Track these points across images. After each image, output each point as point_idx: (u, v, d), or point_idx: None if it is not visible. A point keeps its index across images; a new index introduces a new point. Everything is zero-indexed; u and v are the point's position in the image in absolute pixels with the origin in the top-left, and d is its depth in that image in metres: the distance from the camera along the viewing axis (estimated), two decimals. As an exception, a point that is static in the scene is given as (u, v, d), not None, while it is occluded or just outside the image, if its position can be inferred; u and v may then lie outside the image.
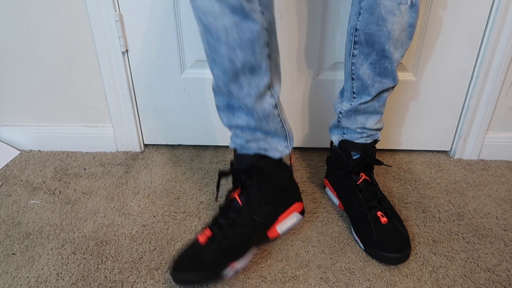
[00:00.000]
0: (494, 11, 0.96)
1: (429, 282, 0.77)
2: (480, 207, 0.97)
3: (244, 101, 0.69)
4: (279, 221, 0.78)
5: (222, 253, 0.72)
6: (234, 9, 0.59)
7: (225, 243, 0.73)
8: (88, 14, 1.00)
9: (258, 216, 0.75)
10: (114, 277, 0.78)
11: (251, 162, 0.75)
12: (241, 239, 0.74)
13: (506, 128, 1.13)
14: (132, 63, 1.08)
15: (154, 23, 1.02)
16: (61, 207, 0.97)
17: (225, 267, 0.72)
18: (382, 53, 0.78)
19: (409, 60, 1.05)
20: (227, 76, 0.66)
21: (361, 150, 0.89)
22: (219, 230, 0.74)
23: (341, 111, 0.89)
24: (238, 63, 0.64)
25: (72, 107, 1.16)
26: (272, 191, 0.77)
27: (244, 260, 0.75)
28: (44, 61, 1.08)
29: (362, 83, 0.83)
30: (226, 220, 0.75)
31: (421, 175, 1.08)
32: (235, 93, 0.68)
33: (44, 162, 1.15)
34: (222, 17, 0.60)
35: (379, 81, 0.82)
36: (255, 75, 0.67)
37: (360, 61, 0.81)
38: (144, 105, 1.15)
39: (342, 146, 0.91)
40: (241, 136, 0.75)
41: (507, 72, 1.03)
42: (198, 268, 0.71)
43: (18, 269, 0.80)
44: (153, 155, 1.18)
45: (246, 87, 0.67)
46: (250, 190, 0.76)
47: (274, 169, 0.77)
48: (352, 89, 0.85)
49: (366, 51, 0.79)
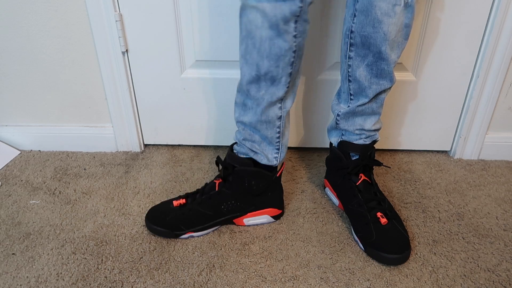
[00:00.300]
0: (494, 11, 0.96)
1: (429, 282, 0.77)
2: (480, 207, 0.97)
3: (257, 102, 0.78)
4: (248, 216, 0.89)
5: (182, 221, 0.86)
6: (271, 26, 0.70)
7: (188, 214, 0.86)
8: (88, 14, 1.00)
9: (225, 207, 0.87)
10: (114, 277, 0.78)
11: (235, 162, 0.85)
12: (202, 217, 0.86)
13: (506, 128, 1.13)
14: (132, 63, 1.08)
15: (154, 23, 1.02)
16: (61, 207, 0.97)
17: (182, 232, 0.86)
18: (378, 54, 0.78)
19: (409, 60, 1.05)
20: (251, 77, 0.76)
21: (360, 151, 0.89)
22: (190, 202, 0.88)
23: (339, 113, 0.89)
24: (262, 69, 0.74)
25: (72, 107, 1.16)
26: (243, 193, 0.87)
27: (202, 232, 0.88)
28: (44, 61, 1.08)
29: (359, 85, 0.82)
30: (200, 197, 0.88)
31: (421, 175, 1.08)
32: (252, 93, 0.78)
33: (44, 162, 1.15)
34: (261, 29, 0.70)
35: (376, 82, 0.81)
36: (273, 85, 0.76)
37: (357, 63, 0.81)
38: (144, 105, 1.15)
39: (341, 147, 0.91)
40: (242, 132, 0.84)
41: (507, 72, 1.03)
42: (161, 224, 0.86)
43: (18, 269, 0.80)
44: (153, 155, 1.18)
45: (263, 91, 0.77)
46: (226, 184, 0.87)
47: (249, 177, 0.85)
48: (349, 90, 0.85)
49: (362, 53, 0.79)
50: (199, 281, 0.77)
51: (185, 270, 0.79)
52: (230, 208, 0.87)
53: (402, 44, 0.79)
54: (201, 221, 0.86)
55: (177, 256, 0.83)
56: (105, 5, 0.98)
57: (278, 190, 0.90)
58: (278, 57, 0.73)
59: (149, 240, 0.86)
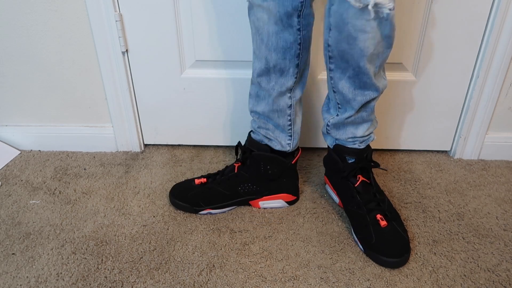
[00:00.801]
0: (494, 11, 0.96)
1: (429, 282, 0.77)
2: (480, 207, 0.97)
3: (269, 92, 0.84)
4: (263, 199, 0.95)
5: (202, 198, 0.92)
6: (276, 21, 0.75)
7: (208, 192, 0.93)
8: (88, 14, 1.00)
9: (242, 189, 0.93)
10: (114, 277, 0.78)
11: (253, 147, 0.91)
12: (221, 196, 0.93)
13: (506, 128, 1.13)
14: (132, 63, 1.08)
15: (154, 23, 1.02)
16: (61, 207, 0.97)
17: (202, 209, 0.93)
18: (358, 69, 0.75)
19: (409, 60, 1.05)
20: (261, 70, 0.82)
21: (355, 155, 0.87)
22: (211, 182, 0.94)
23: (328, 123, 0.88)
24: (271, 62, 0.80)
25: (72, 107, 1.16)
26: (259, 177, 0.92)
27: (219, 210, 0.94)
28: (44, 61, 1.08)
29: (343, 96, 0.80)
30: (220, 177, 0.94)
31: (421, 175, 1.08)
32: (263, 85, 0.83)
33: (44, 162, 1.15)
34: (268, 25, 0.76)
35: (361, 93, 0.79)
36: (282, 76, 0.81)
37: (338, 75, 0.78)
38: (144, 105, 1.15)
39: (336, 151, 0.90)
40: (257, 121, 0.90)
41: (507, 72, 1.03)
42: (183, 200, 0.93)
43: (18, 269, 0.80)
44: (153, 155, 1.18)
45: (273, 82, 0.82)
46: (244, 167, 0.93)
47: (265, 162, 0.91)
48: (336, 100, 0.83)
49: (342, 66, 0.76)
50: (199, 281, 0.77)
51: (185, 270, 0.79)
52: (246, 190, 0.93)
53: (384, 54, 0.75)
54: (219, 200, 0.93)
55: (177, 256, 0.83)
56: (105, 5, 0.98)
57: (293, 177, 0.95)
58: (284, 50, 0.78)
59: (149, 240, 0.86)
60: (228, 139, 1.19)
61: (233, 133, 1.18)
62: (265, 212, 0.94)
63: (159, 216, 0.94)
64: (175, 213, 0.94)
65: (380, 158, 1.15)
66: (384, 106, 1.11)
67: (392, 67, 1.06)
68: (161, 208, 0.96)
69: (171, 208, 0.96)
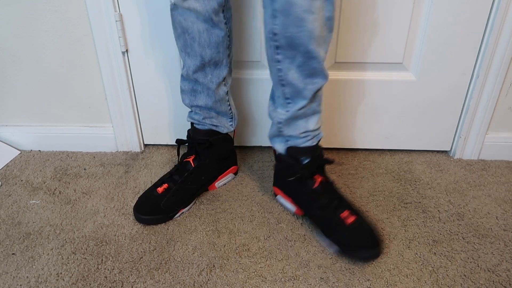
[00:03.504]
0: (494, 11, 0.96)
1: (429, 282, 0.77)
2: (480, 207, 0.97)
3: (208, 86, 0.90)
4: (218, 179, 1.02)
5: (175, 201, 0.93)
6: (205, 19, 0.80)
7: (178, 195, 0.93)
8: (88, 14, 1.00)
9: (205, 177, 0.98)
10: (114, 277, 0.78)
11: (206, 136, 0.95)
12: (189, 193, 0.95)
13: (506, 128, 1.13)
14: (132, 63, 1.08)
15: (154, 23, 1.02)
16: (61, 207, 0.97)
17: (176, 212, 0.93)
18: (307, 54, 0.74)
19: (409, 60, 1.05)
20: (196, 66, 0.86)
21: (310, 154, 0.86)
22: (174, 184, 0.94)
23: (280, 121, 0.86)
24: (206, 58, 0.85)
25: (72, 107, 1.16)
26: (217, 159, 0.99)
27: (189, 206, 0.96)
28: (44, 61, 1.08)
29: (294, 88, 0.80)
30: (180, 177, 0.94)
31: (421, 175, 1.08)
32: (200, 80, 0.89)
33: (44, 162, 1.15)
34: (197, 23, 0.81)
35: (311, 82, 0.79)
36: (217, 68, 0.88)
37: (286, 65, 0.77)
38: (144, 105, 1.15)
39: (290, 153, 0.88)
40: (199, 113, 0.94)
41: (507, 72, 1.03)
42: (156, 212, 0.91)
43: (18, 269, 0.80)
44: (153, 155, 1.18)
45: (210, 76, 0.89)
46: (202, 157, 0.96)
47: (222, 143, 0.98)
48: (285, 95, 0.82)
49: (290, 54, 0.75)
50: (199, 281, 0.77)
51: (185, 270, 0.79)
52: (209, 176, 0.99)
53: (327, 38, 0.75)
54: (189, 197, 0.95)
55: (177, 256, 0.83)
56: (105, 5, 0.98)
57: (233, 150, 1.05)
58: (217, 44, 0.84)
59: (149, 240, 0.86)
60: (228, 139, 1.19)
61: (233, 133, 1.18)
62: (264, 212, 0.94)
63: (159, 216, 0.93)
64: (175, 213, 0.94)
65: (380, 158, 1.15)
66: (384, 106, 1.11)
67: (392, 67, 1.06)
68: (161, 208, 0.96)
69: (171, 208, 0.96)
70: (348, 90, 1.09)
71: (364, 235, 0.81)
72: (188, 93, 0.93)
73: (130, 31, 1.03)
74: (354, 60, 1.06)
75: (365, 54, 1.04)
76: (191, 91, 0.92)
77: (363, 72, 1.07)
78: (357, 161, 1.14)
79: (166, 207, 0.91)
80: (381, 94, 1.09)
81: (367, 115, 1.13)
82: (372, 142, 1.18)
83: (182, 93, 0.94)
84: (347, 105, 1.11)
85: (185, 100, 0.94)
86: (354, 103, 1.11)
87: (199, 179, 0.96)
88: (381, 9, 0.98)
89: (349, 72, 1.07)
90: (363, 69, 1.07)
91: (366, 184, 1.04)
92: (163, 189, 0.93)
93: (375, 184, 1.04)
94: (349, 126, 1.15)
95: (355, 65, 1.07)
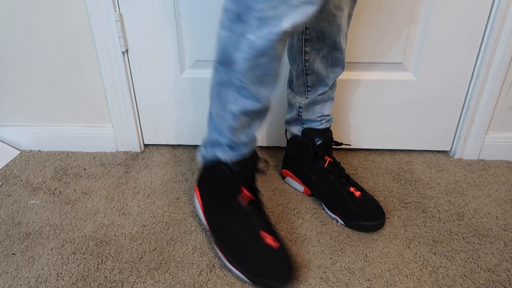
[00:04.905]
0: (494, 11, 0.96)
1: (429, 282, 0.77)
2: (480, 207, 0.97)
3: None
4: None
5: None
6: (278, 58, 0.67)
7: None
8: (88, 14, 1.00)
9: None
10: (114, 277, 0.78)
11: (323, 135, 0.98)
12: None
13: (506, 128, 1.13)
14: (132, 63, 1.08)
15: (154, 23, 1.02)
16: (61, 207, 0.97)
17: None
18: (333, 45, 0.85)
19: (409, 60, 1.05)
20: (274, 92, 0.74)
21: (323, 135, 0.96)
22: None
23: (300, 105, 0.95)
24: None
25: (72, 107, 1.16)
26: None
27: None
28: (44, 61, 1.08)
29: (318, 76, 0.90)
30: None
31: (421, 175, 1.08)
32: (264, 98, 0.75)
33: (44, 162, 1.15)
34: (273, 61, 0.67)
35: (332, 71, 0.89)
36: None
37: (313, 56, 0.87)
38: (144, 105, 1.15)
39: (306, 135, 0.97)
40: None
41: (507, 72, 1.03)
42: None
43: (18, 269, 0.80)
44: (153, 155, 1.18)
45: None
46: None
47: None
48: (307, 83, 0.91)
49: (317, 46, 0.85)
50: (199, 281, 0.77)
51: (185, 270, 0.79)
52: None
53: (347, 33, 0.87)
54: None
55: (177, 256, 0.83)
56: (105, 5, 0.98)
57: None
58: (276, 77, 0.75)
59: (149, 240, 0.86)
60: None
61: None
62: (265, 212, 0.94)
63: (159, 216, 0.94)
64: (175, 213, 0.94)
65: (380, 158, 1.15)
66: (384, 106, 1.11)
67: (392, 67, 1.06)
68: (161, 208, 0.96)
69: (171, 208, 0.96)
70: (348, 90, 1.09)
71: (370, 207, 0.89)
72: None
73: (130, 31, 1.03)
74: (354, 60, 1.06)
75: (365, 54, 1.04)
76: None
77: (363, 72, 1.07)
78: (357, 161, 1.14)
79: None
80: (381, 94, 1.09)
81: (367, 115, 1.13)
82: (372, 142, 1.18)
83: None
84: (347, 105, 1.11)
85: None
86: (354, 103, 1.11)
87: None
88: (381, 9, 0.98)
89: (349, 72, 1.07)
90: (363, 69, 1.07)
91: (366, 184, 1.04)
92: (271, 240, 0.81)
93: (375, 184, 1.04)
94: (349, 126, 1.15)
95: (355, 65, 1.07)
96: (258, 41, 0.61)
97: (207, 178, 0.85)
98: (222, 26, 0.65)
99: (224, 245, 0.79)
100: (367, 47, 1.03)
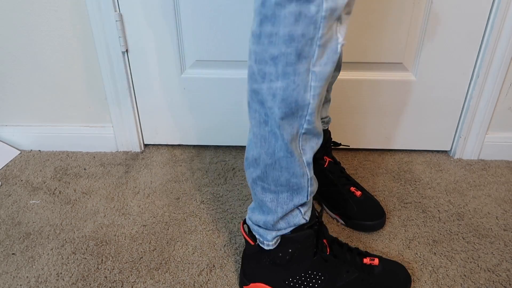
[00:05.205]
0: (494, 11, 0.96)
1: (429, 282, 0.77)
2: (480, 207, 0.97)
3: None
4: None
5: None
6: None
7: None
8: (88, 14, 1.00)
9: None
10: (114, 277, 0.78)
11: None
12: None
13: (506, 128, 1.13)
14: (132, 63, 1.08)
15: (154, 23, 1.02)
16: (61, 207, 0.97)
17: None
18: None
19: (409, 60, 1.05)
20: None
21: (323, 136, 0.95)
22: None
23: None
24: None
25: (72, 107, 1.16)
26: None
27: None
28: (44, 61, 1.08)
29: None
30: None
31: (421, 175, 1.08)
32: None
33: (44, 162, 1.15)
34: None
35: (333, 75, 0.89)
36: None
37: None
38: (144, 105, 1.15)
39: None
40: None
41: (507, 72, 1.03)
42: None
43: (18, 269, 0.80)
44: (153, 155, 1.18)
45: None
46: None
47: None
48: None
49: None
50: (199, 281, 0.77)
51: (185, 270, 0.79)
52: None
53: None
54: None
55: (177, 256, 0.83)
56: (105, 5, 0.98)
57: None
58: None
59: (149, 240, 0.86)
60: (228, 139, 1.19)
61: (233, 133, 1.18)
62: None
63: (159, 216, 0.94)
64: (175, 213, 0.94)
65: (380, 158, 1.15)
66: (384, 106, 1.11)
67: (392, 67, 1.06)
68: (161, 208, 0.96)
69: (171, 208, 0.96)
70: (348, 90, 1.09)
71: (370, 207, 0.89)
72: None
73: (130, 31, 1.03)
74: (354, 60, 1.06)
75: (365, 54, 1.04)
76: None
77: (363, 72, 1.07)
78: (357, 161, 1.14)
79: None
80: (381, 94, 1.09)
81: (367, 115, 1.13)
82: (372, 142, 1.18)
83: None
84: (347, 105, 1.11)
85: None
86: (354, 103, 1.11)
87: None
88: (381, 9, 0.98)
89: (349, 72, 1.07)
90: (363, 69, 1.07)
91: (366, 184, 1.04)
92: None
93: (375, 184, 1.04)
94: (349, 126, 1.15)
95: (355, 65, 1.07)
96: (326, 68, 0.56)
97: None
98: (274, 79, 0.56)
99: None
100: (367, 47, 1.03)
